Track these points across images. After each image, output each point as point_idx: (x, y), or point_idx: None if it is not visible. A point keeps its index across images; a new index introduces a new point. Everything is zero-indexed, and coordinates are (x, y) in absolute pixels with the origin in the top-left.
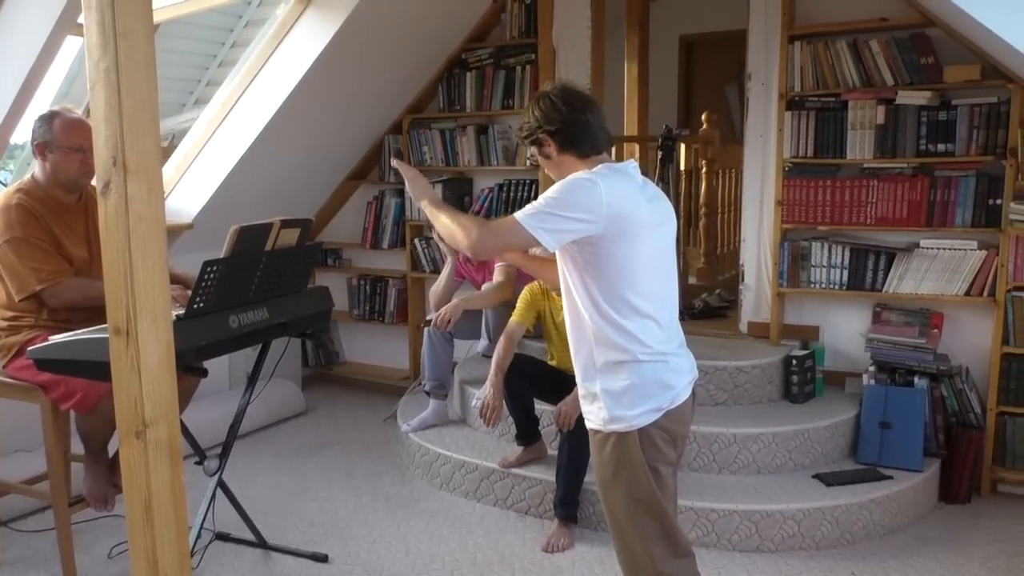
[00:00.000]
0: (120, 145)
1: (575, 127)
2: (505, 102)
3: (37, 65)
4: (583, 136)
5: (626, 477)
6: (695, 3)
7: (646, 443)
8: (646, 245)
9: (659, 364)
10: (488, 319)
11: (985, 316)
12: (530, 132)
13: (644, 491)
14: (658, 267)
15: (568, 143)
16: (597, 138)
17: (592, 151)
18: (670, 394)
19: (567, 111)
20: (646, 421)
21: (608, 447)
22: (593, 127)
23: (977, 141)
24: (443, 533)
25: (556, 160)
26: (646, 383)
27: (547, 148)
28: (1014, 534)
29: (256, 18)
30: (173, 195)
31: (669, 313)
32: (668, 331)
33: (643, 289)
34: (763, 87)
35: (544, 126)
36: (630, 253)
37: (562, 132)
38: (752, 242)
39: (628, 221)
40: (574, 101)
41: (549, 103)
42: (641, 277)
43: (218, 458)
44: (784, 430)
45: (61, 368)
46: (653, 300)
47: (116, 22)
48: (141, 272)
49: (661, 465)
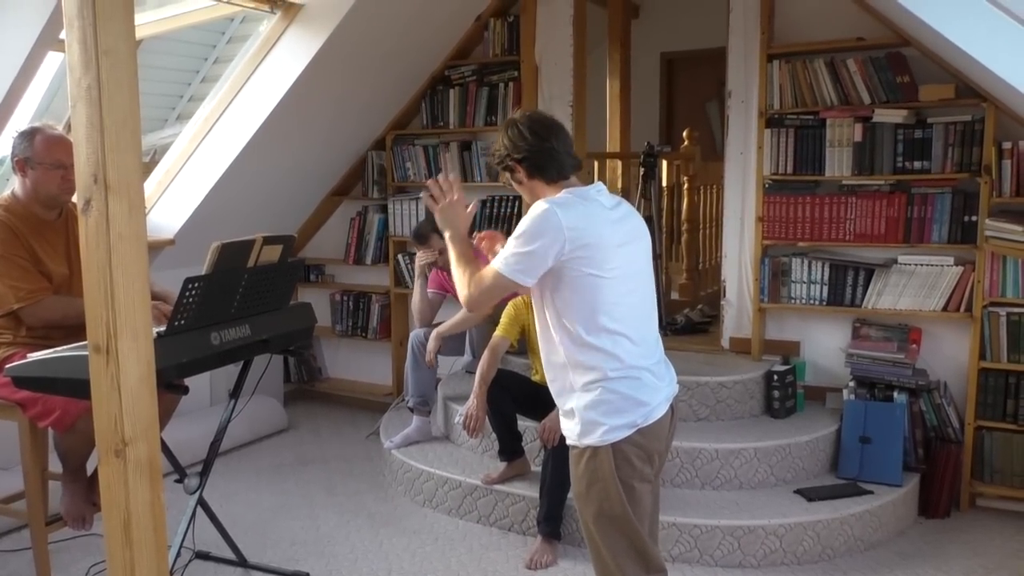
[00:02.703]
0: (101, 163)
1: (542, 155)
2: (488, 118)
3: (18, 81)
4: (550, 163)
5: (598, 492)
6: (676, 21)
7: (619, 459)
8: (613, 264)
9: (632, 381)
10: (472, 335)
11: (962, 331)
12: (500, 159)
13: (615, 507)
14: (630, 284)
15: (536, 170)
16: (563, 164)
17: (559, 177)
18: (643, 410)
19: (533, 140)
20: (618, 437)
21: (582, 462)
22: (559, 154)
23: (952, 159)
24: (426, 551)
25: (527, 185)
26: (617, 399)
27: (518, 174)
28: (993, 548)
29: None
30: (154, 211)
31: (644, 329)
32: (643, 347)
33: (612, 307)
34: (743, 105)
35: (512, 154)
36: (595, 273)
37: (529, 160)
38: (733, 258)
39: (591, 243)
40: (540, 130)
41: (516, 132)
42: (608, 296)
43: (199, 476)
44: (766, 445)
45: (40, 386)
46: (624, 317)
47: (98, 40)
48: (122, 290)
49: (636, 481)
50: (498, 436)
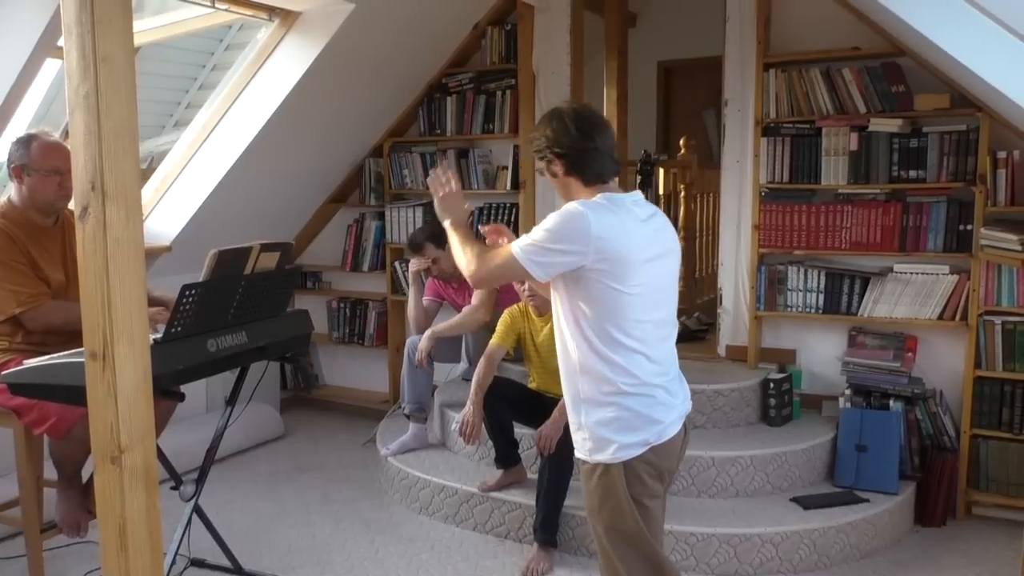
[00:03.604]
0: (99, 170)
1: (583, 155)
2: (486, 126)
3: (16, 87)
4: (590, 163)
5: (610, 510)
6: (673, 30)
7: (631, 477)
8: (638, 279)
9: (646, 398)
10: (468, 342)
11: (958, 340)
12: (539, 149)
13: (628, 524)
14: (653, 299)
15: (573, 168)
16: (603, 167)
17: (596, 180)
18: (656, 428)
19: (577, 136)
20: (630, 455)
21: (594, 479)
22: (601, 155)
23: (947, 168)
24: (422, 558)
25: (562, 180)
26: (631, 416)
27: (554, 167)
28: (989, 557)
29: (237, 42)
30: (152, 217)
31: (663, 346)
32: (660, 364)
33: (632, 325)
34: (739, 113)
35: (553, 147)
36: (617, 288)
37: (569, 157)
38: (730, 266)
39: (617, 257)
40: (586, 127)
41: (561, 125)
42: (630, 311)
43: (194, 483)
44: (762, 453)
45: (35, 392)
46: (644, 336)
47: (96, 48)
48: (119, 296)
49: (647, 499)
50: (494, 443)
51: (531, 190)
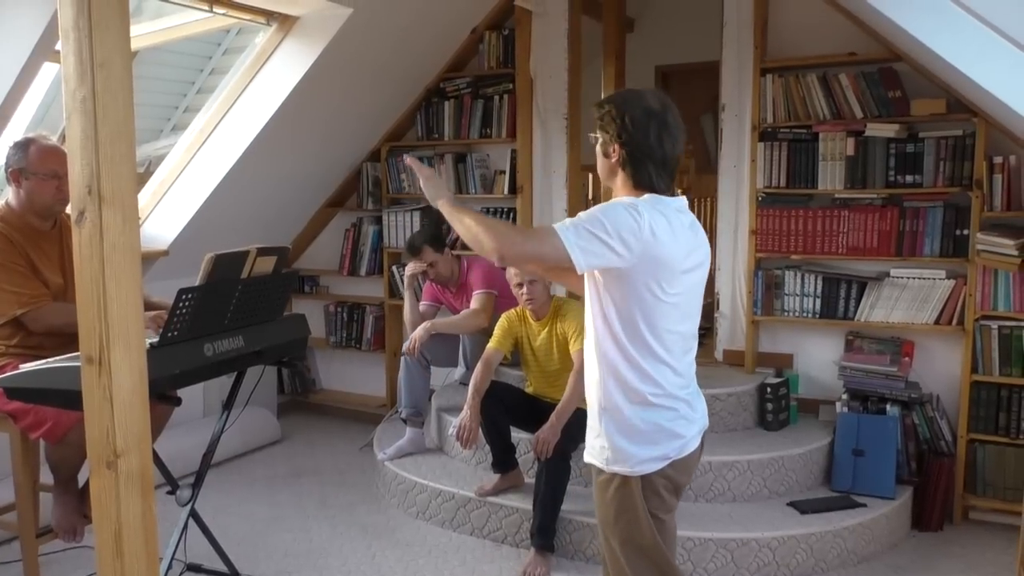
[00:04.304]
0: (96, 174)
1: (648, 160)
2: (483, 131)
3: (14, 91)
4: (649, 171)
5: (627, 523)
6: (671, 35)
7: (648, 491)
8: (676, 288)
9: (670, 411)
10: (466, 346)
11: (954, 344)
12: (606, 125)
13: (646, 538)
14: (685, 311)
15: (631, 164)
16: (659, 181)
17: (645, 188)
18: (678, 443)
19: (654, 141)
20: (650, 469)
21: (610, 491)
22: (663, 169)
23: (944, 173)
24: (419, 563)
25: (611, 167)
26: (653, 430)
27: (611, 150)
28: (986, 562)
29: (235, 46)
30: (149, 221)
31: (686, 358)
32: (684, 377)
33: (664, 335)
34: (736, 118)
35: (621, 134)
36: (657, 292)
37: (633, 154)
38: (727, 271)
39: (661, 262)
40: (665, 136)
41: (645, 119)
42: (663, 323)
43: (191, 487)
44: (759, 457)
45: (32, 397)
46: (672, 347)
47: (93, 52)
48: (115, 301)
49: (663, 512)
50: (492, 448)
51: (528, 195)
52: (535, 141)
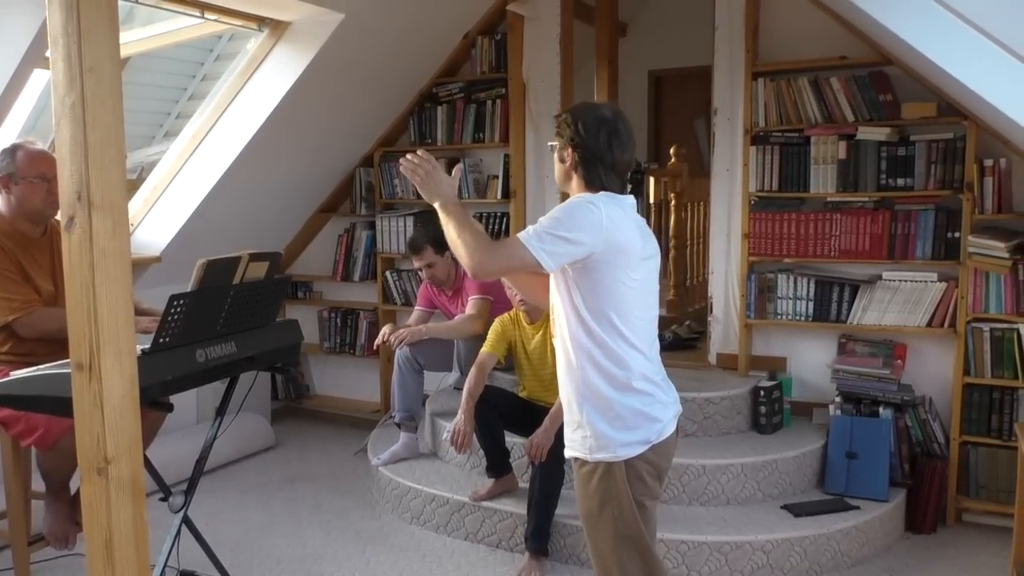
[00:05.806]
0: (85, 180)
1: (598, 162)
2: (476, 136)
3: (4, 98)
4: (599, 173)
5: (612, 512)
6: (663, 39)
7: (632, 477)
8: (637, 274)
9: (646, 396)
10: (459, 351)
11: (947, 347)
12: (561, 131)
13: (630, 526)
14: (644, 299)
15: (582, 167)
16: (610, 182)
17: (598, 188)
18: (656, 427)
19: (603, 146)
20: (633, 453)
21: (594, 480)
22: (613, 172)
23: (935, 176)
24: (413, 568)
25: (565, 171)
26: (630, 414)
27: (565, 155)
28: (979, 564)
29: (227, 52)
30: (141, 228)
31: (654, 346)
32: (654, 363)
33: (632, 320)
34: (728, 122)
35: (575, 139)
36: (621, 278)
37: (585, 157)
38: (720, 274)
39: (622, 249)
40: (615, 141)
41: (595, 125)
42: (630, 307)
43: (184, 494)
44: (753, 461)
45: (22, 404)
46: (639, 330)
47: (83, 58)
48: (105, 307)
49: (647, 499)
50: (486, 452)
51: (522, 199)
52: (528, 146)
